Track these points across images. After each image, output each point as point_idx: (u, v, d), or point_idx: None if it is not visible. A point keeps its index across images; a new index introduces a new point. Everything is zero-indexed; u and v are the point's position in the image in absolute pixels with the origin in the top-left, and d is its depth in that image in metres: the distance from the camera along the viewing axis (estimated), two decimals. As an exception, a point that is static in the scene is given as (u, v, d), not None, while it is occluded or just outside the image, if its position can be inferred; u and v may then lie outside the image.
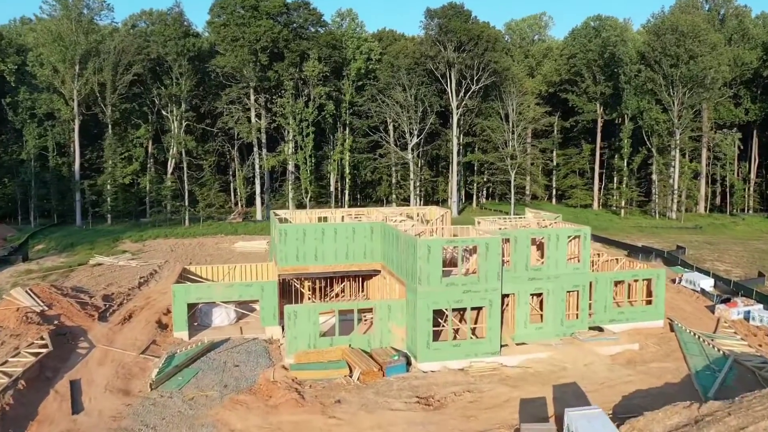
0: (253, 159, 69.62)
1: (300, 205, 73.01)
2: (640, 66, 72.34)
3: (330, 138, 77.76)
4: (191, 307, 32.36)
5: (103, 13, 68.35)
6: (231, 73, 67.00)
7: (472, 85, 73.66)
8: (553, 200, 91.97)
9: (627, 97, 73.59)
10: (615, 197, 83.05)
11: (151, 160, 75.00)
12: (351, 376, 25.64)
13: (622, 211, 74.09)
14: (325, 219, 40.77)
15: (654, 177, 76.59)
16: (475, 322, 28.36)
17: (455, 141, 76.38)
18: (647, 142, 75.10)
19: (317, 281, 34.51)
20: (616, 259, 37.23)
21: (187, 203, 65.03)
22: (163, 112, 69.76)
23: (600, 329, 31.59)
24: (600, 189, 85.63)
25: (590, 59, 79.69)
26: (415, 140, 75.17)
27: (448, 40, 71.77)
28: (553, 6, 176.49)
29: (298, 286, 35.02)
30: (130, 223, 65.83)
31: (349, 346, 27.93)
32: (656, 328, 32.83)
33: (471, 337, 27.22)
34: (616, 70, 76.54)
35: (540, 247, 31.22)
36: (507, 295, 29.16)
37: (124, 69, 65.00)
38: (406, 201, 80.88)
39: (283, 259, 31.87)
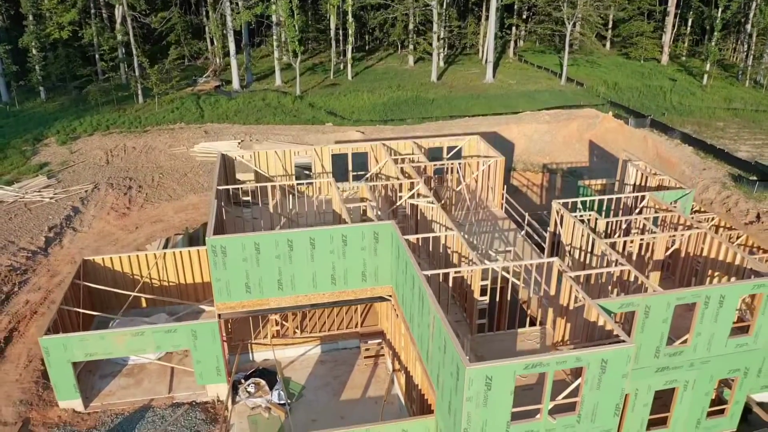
0: (223, 10, 52.13)
1: (288, 67, 56.85)
2: None
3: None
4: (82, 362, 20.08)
5: None
6: None
7: None
8: (607, 45, 74.05)
9: None
10: (682, 45, 65.24)
11: (102, 7, 57.65)
12: None
13: (705, 77, 57.22)
14: (308, 172, 27.04)
15: (750, 29, 58.63)
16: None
17: (494, -24, 57.49)
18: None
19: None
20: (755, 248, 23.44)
21: (137, 73, 49.29)
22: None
23: (747, 410, 19.28)
24: (671, 38, 67.44)
25: None
26: (440, -24, 56.50)
27: None
28: None
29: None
30: (70, 97, 50.77)
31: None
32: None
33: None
34: None
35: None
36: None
37: None
38: (428, 55, 64.12)
39: (223, 290, 18.69)
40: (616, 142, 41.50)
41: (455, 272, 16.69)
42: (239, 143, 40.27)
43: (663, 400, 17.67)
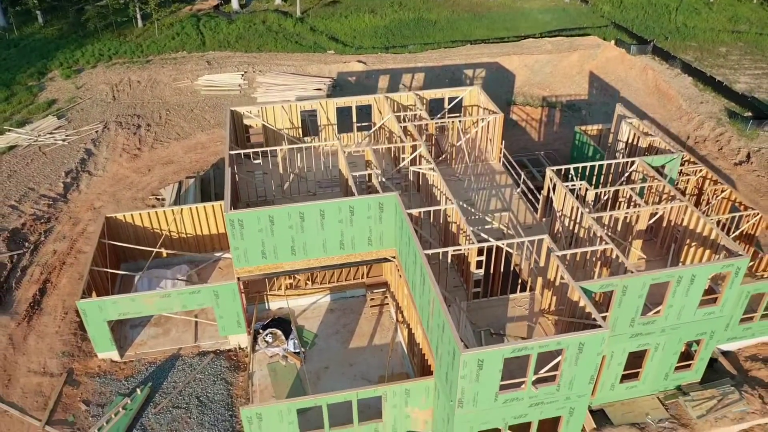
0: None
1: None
2: None
3: None
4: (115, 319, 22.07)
5: None
6: None
7: None
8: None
9: None
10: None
11: None
12: None
13: (714, -8, 55.95)
14: (313, 115, 27.86)
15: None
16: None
17: None
18: None
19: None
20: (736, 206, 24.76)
21: (135, -3, 48.43)
22: None
23: (713, 359, 21.59)
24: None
25: None
26: None
27: None
28: None
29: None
30: (68, 21, 50.10)
31: (345, 447, 18.41)
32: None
33: (533, 451, 17.48)
34: None
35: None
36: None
37: None
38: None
39: (241, 257, 20.45)
40: (616, 73, 41.79)
41: (454, 250, 18.33)
42: (242, 75, 40.60)
43: (636, 353, 19.88)
